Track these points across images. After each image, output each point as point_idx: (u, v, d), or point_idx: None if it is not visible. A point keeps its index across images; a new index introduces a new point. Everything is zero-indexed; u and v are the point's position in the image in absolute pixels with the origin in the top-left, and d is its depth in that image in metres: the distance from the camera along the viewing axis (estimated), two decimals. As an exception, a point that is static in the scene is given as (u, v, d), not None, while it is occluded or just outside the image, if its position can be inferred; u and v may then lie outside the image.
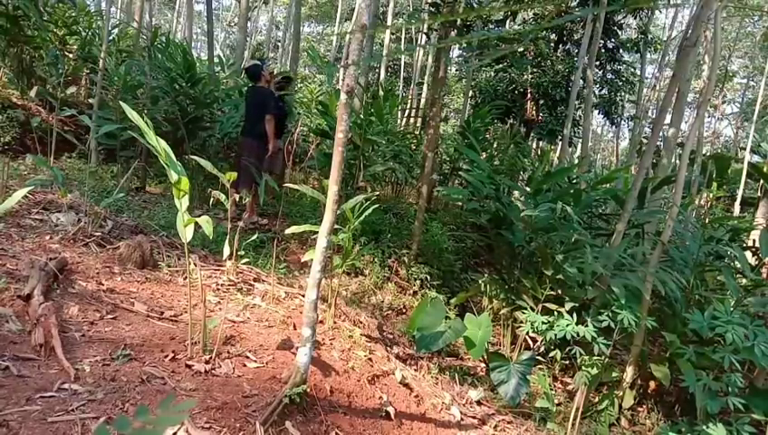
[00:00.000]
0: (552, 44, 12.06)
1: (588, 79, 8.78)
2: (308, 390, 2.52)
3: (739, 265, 4.67)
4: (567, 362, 4.83)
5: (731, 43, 19.96)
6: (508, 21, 12.31)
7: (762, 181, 7.37)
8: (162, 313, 3.02)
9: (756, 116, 11.12)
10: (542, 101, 11.78)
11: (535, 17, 12.46)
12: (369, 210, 3.91)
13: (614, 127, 16.57)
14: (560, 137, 11.56)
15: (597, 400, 4.43)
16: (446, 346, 4.30)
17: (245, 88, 6.52)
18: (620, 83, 12.49)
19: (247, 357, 2.74)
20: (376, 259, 5.45)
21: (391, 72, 19.32)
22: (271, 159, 5.75)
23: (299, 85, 12.47)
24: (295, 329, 3.26)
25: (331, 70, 6.80)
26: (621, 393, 4.38)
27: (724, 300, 4.18)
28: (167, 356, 2.53)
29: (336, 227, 3.22)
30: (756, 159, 11.34)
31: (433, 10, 6.57)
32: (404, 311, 5.12)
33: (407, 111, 14.72)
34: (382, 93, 8.59)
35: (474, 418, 3.57)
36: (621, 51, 12.36)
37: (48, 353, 2.30)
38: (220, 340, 2.74)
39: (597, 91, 12.20)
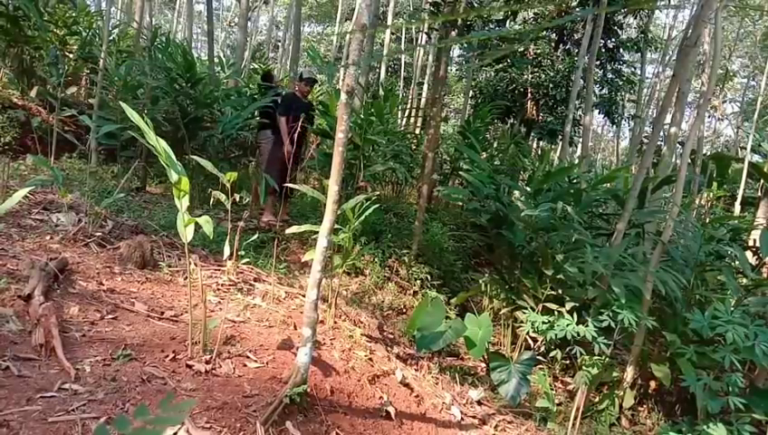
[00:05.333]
0: (553, 44, 12.05)
1: (588, 78, 8.78)
2: (308, 390, 2.52)
3: (739, 265, 4.67)
4: (567, 361, 4.83)
5: (731, 43, 19.94)
6: (508, 21, 12.30)
7: (762, 181, 7.36)
8: (162, 313, 3.02)
9: (757, 115, 11.11)
10: (542, 101, 11.77)
11: (535, 17, 12.45)
12: (370, 210, 3.91)
13: (614, 126, 16.55)
14: (560, 136, 11.54)
15: (597, 399, 4.43)
16: (446, 346, 4.29)
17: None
18: (621, 83, 12.47)
19: (248, 357, 2.74)
20: (376, 259, 5.45)
21: (391, 71, 19.29)
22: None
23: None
24: (296, 329, 3.26)
25: (332, 70, 6.80)
26: (622, 393, 4.38)
27: (724, 300, 4.17)
28: (167, 356, 2.53)
29: (336, 226, 3.22)
30: (757, 158, 11.32)
31: (433, 10, 6.57)
32: (404, 311, 5.11)
33: (407, 111, 14.70)
34: (382, 93, 8.59)
35: (474, 418, 3.57)
36: (621, 50, 12.34)
37: (48, 353, 2.30)
38: (220, 340, 2.74)
39: (597, 91, 12.19)
